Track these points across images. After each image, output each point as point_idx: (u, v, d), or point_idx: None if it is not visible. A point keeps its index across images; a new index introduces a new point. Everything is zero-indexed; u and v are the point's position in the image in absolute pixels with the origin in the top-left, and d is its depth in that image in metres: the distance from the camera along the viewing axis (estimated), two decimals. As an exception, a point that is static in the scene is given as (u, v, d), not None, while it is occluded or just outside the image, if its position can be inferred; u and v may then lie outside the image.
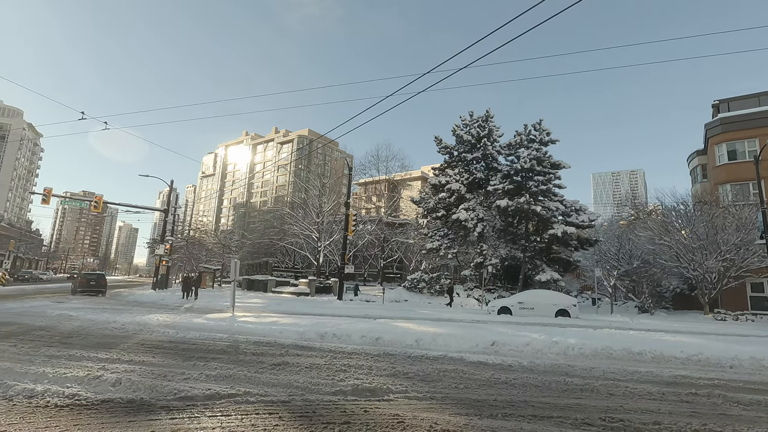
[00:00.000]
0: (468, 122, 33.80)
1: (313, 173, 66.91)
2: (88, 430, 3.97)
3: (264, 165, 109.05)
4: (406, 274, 40.54)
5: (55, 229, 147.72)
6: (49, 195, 26.88)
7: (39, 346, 8.34)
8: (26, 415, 4.37)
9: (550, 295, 21.51)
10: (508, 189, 29.16)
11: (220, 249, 57.69)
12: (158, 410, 4.65)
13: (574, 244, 29.28)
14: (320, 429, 4.19)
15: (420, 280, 30.19)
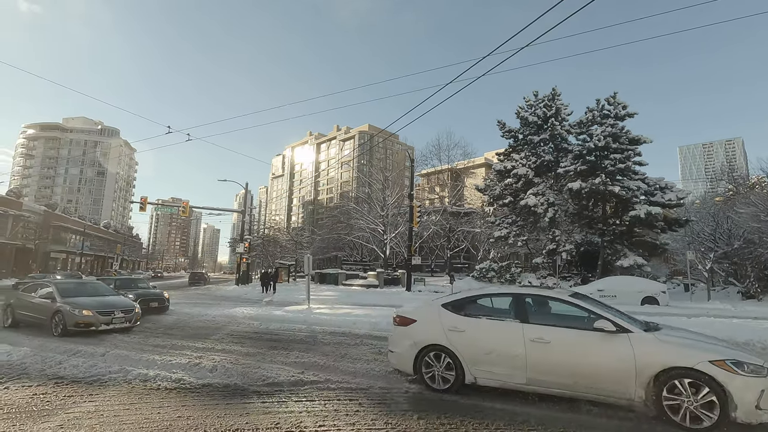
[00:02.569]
0: (533, 103, 32.13)
1: (375, 167, 67.83)
2: (193, 410, 4.44)
3: (328, 163, 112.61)
4: (474, 263, 39.78)
5: (151, 233, 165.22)
6: (145, 203, 30.08)
7: (147, 337, 9.45)
8: (143, 395, 5.00)
9: (634, 281, 19.89)
10: (581, 170, 27.31)
11: (292, 245, 60.75)
12: (251, 394, 5.08)
13: (661, 226, 26.73)
14: (398, 416, 4.31)
15: (489, 269, 29.46)
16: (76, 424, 4.02)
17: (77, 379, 5.67)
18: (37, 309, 10.11)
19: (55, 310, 9.50)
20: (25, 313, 10.46)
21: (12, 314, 10.73)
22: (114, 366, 6.36)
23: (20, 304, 10.67)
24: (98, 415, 4.27)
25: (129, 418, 4.18)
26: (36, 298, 10.43)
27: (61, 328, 9.20)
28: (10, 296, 11.36)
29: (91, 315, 9.38)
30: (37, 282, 11.93)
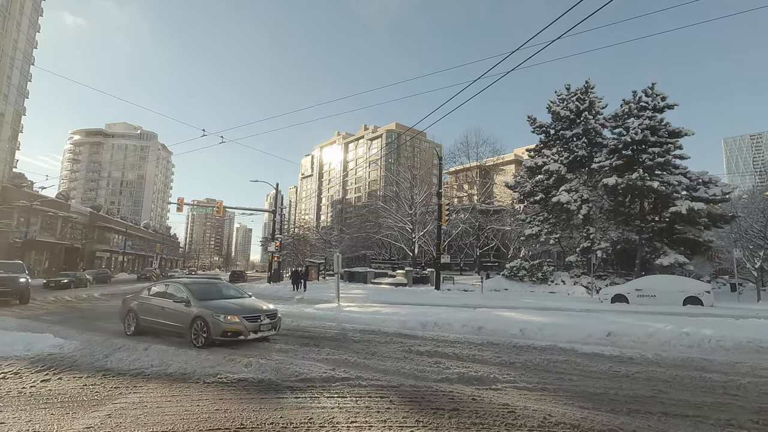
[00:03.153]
0: (565, 96, 31.17)
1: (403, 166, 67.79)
2: (230, 404, 4.60)
3: (356, 162, 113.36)
4: (505, 262, 39.07)
5: (188, 233, 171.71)
6: (182, 204, 31.26)
7: (185, 332, 9.83)
8: (183, 389, 5.22)
9: (675, 280, 18.99)
10: (617, 165, 26.28)
11: (322, 244, 61.59)
12: (284, 389, 5.20)
13: (704, 222, 25.38)
14: (430, 414, 4.31)
15: (520, 267, 28.86)
16: (123, 413, 4.25)
17: (122, 372, 5.99)
18: (169, 315, 8.84)
19: (195, 316, 8.24)
20: (152, 319, 9.19)
21: (135, 320, 9.52)
22: (156, 360, 6.66)
23: (146, 309, 9.41)
24: (142, 406, 4.49)
25: (170, 410, 4.37)
26: (166, 302, 9.10)
27: (205, 338, 7.99)
28: (130, 300, 10.12)
29: (238, 322, 8.06)
30: (165, 282, 10.48)
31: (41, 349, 7.21)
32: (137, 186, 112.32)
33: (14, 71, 58.15)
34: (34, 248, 45.36)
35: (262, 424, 4.00)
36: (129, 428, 3.87)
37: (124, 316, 9.90)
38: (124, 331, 9.60)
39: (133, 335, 9.29)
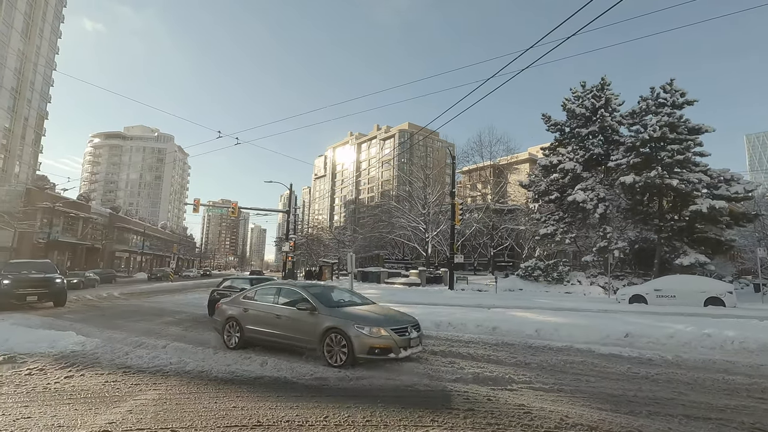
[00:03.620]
0: (580, 94, 30.71)
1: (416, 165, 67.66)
2: (247, 402, 4.66)
3: (369, 162, 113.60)
4: (519, 262, 38.70)
5: (203, 233, 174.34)
6: (198, 204, 31.76)
7: (203, 331, 9.99)
8: (201, 386, 5.31)
9: (696, 280, 18.53)
10: (634, 163, 25.77)
11: (335, 244, 61.89)
12: (300, 388, 5.25)
13: (726, 221, 24.71)
14: (444, 414, 4.30)
15: (535, 267, 28.53)
16: (143, 410, 4.34)
17: (142, 369, 6.12)
18: (288, 325, 7.17)
19: (328, 327, 6.57)
20: (264, 330, 7.48)
21: (239, 331, 7.77)
22: (174, 358, 6.79)
23: (253, 318, 7.66)
24: (162, 403, 4.58)
25: (189, 407, 4.45)
26: (282, 309, 7.42)
27: (345, 356, 6.29)
28: (229, 306, 8.32)
29: (387, 336, 6.33)
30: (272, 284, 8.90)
31: (64, 346, 7.41)
32: (155, 187, 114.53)
33: (37, 76, 59.87)
34: (57, 248, 46.61)
35: (279, 421, 4.04)
36: (149, 424, 3.95)
37: (223, 325, 8.10)
38: (224, 344, 7.93)
39: (237, 348, 7.64)
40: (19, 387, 5.12)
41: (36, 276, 14.97)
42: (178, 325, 10.82)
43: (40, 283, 14.71)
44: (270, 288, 8.33)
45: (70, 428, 3.83)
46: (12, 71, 53.91)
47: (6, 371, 5.85)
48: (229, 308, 8.22)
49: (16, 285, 13.96)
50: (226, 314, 8.18)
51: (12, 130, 55.06)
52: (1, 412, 4.21)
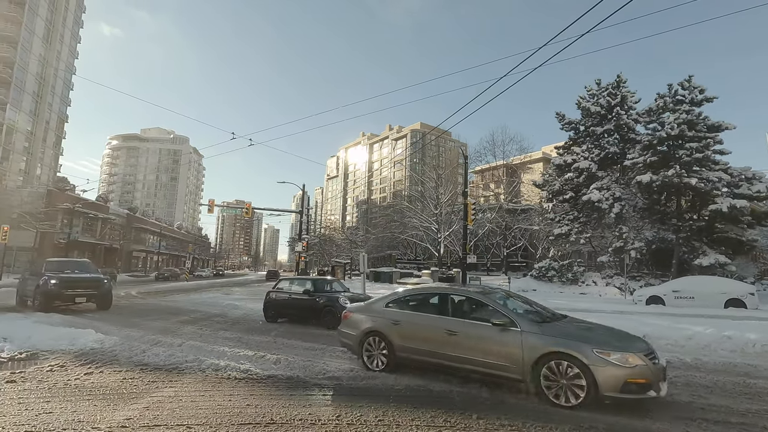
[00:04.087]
0: (595, 92, 30.25)
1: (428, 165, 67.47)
2: (260, 400, 4.72)
3: (381, 162, 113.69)
4: (533, 262, 38.30)
5: (218, 233, 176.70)
6: (213, 205, 32.18)
7: (217, 330, 10.13)
8: (215, 384, 5.38)
9: (716, 281, 18.09)
10: (651, 161, 25.27)
11: (347, 244, 62.11)
12: (312, 387, 5.29)
13: (747, 220, 24.07)
14: (457, 415, 4.28)
15: (549, 268, 28.21)
16: (160, 406, 4.42)
17: (159, 367, 6.23)
18: (467, 346, 5.28)
19: (545, 353, 4.72)
20: (426, 349, 5.62)
21: (387, 348, 5.95)
22: (189, 356, 6.89)
23: (409, 333, 5.81)
24: (178, 400, 4.66)
25: (204, 404, 4.52)
26: (448, 321, 5.56)
27: (584, 393, 4.42)
28: (365, 315, 6.47)
29: (643, 365, 4.44)
30: (429, 289, 6.83)
31: (84, 343, 7.59)
32: (171, 188, 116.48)
33: (57, 81, 61.43)
34: (77, 248, 47.72)
35: (291, 420, 4.07)
36: (165, 421, 4.02)
37: (359, 340, 6.26)
38: (364, 365, 6.17)
39: (385, 371, 5.90)
40: (41, 383, 5.26)
41: (84, 276, 13.84)
42: (193, 324, 10.99)
43: (89, 283, 13.58)
44: (427, 294, 6.52)
45: (90, 423, 3.92)
46: (34, 76, 55.43)
47: (29, 367, 6.02)
48: (367, 319, 6.40)
49: (65, 285, 12.82)
50: (362, 327, 6.35)
51: (34, 132, 56.61)
52: (24, 407, 4.33)
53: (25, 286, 14.06)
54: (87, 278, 13.76)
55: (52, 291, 12.51)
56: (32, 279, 13.63)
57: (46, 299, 12.40)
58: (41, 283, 12.58)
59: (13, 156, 52.86)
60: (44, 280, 12.62)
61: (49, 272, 13.09)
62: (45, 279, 12.66)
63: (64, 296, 12.76)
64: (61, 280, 12.81)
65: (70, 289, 12.89)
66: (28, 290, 13.68)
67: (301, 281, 12.93)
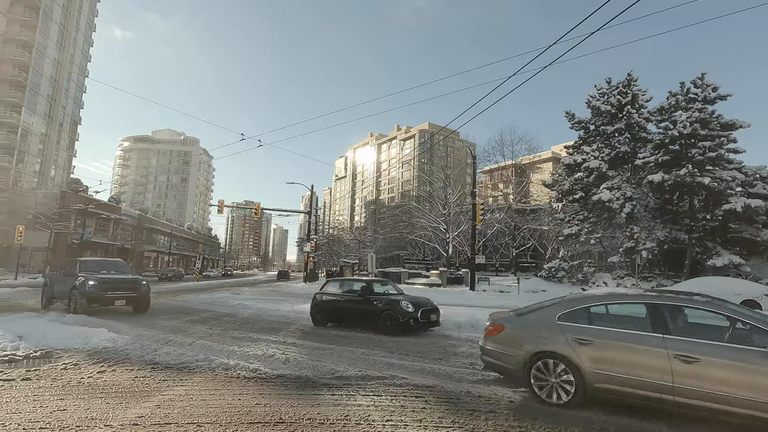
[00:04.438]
0: (605, 90, 29.94)
1: (436, 166, 67.31)
2: (269, 399, 4.75)
3: (389, 163, 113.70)
4: (542, 262, 38.01)
5: (227, 234, 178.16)
6: (222, 206, 32.50)
7: (227, 329, 10.21)
8: (225, 383, 5.44)
9: (730, 282, 17.77)
10: (663, 161, 24.96)
11: (356, 245, 62.26)
12: (321, 387, 5.31)
13: (762, 220, 23.65)
14: (466, 415, 4.27)
15: (558, 268, 27.98)
16: (171, 405, 4.48)
17: (170, 365, 6.30)
18: (717, 378, 3.92)
19: None
20: (644, 379, 4.22)
21: (573, 375, 4.59)
22: (200, 355, 6.96)
23: (610, 357, 4.45)
24: (188, 399, 4.71)
25: (214, 403, 4.57)
26: (694, 345, 4.11)
27: None
28: (532, 330, 5.09)
29: None
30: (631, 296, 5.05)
31: (97, 342, 7.71)
32: (181, 189, 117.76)
33: (71, 84, 62.45)
34: (90, 248, 48.46)
35: (300, 419, 4.10)
36: (176, 419, 4.07)
37: (526, 365, 4.91)
38: (535, 396, 4.82)
39: (569, 406, 4.55)
40: (56, 381, 5.36)
41: (123, 277, 13.04)
42: (203, 324, 11.09)
43: (127, 285, 12.72)
44: (627, 302, 4.96)
45: (103, 421, 3.98)
46: (48, 79, 56.42)
47: (43, 365, 6.13)
48: (533, 335, 5.00)
49: (104, 287, 12.00)
50: (527, 346, 4.97)
51: (48, 135, 57.63)
52: (39, 404, 4.42)
53: (56, 287, 13.30)
54: (126, 279, 12.95)
55: (92, 293, 11.73)
56: (65, 279, 12.79)
57: (87, 301, 11.69)
58: (78, 284, 11.79)
59: (28, 158, 53.87)
60: (81, 281, 11.81)
61: (84, 272, 12.31)
62: (82, 280, 11.86)
63: (103, 298, 12.00)
64: (100, 281, 12.01)
65: (109, 291, 12.14)
66: (59, 291, 12.95)
67: (352, 282, 12.18)
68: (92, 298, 11.77)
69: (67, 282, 12.48)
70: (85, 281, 11.81)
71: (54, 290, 13.34)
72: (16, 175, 50.52)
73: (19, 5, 52.22)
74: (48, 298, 13.75)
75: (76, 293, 11.75)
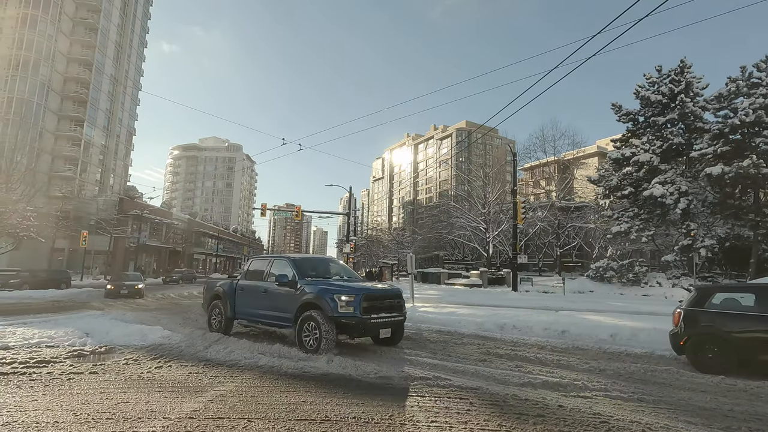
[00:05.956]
0: (656, 79, 28.24)
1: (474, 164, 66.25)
2: (315, 397, 4.84)
3: (426, 162, 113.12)
4: (588, 262, 36.44)
5: (270, 236, 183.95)
6: (265, 209, 33.58)
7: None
8: (272, 380, 5.60)
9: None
10: (723, 152, 23.19)
11: (394, 245, 62.30)
12: (364, 386, 5.35)
13: (841, 214, 21.47)
14: (513, 419, 4.15)
15: (607, 268, 26.67)
16: (223, 400, 4.67)
17: (220, 363, 6.58)
18: None
19: None
20: None
21: None
22: (247, 353, 7.22)
23: None
24: (238, 395, 4.90)
25: (262, 399, 4.72)
26: None
27: None
28: None
29: None
30: None
31: (153, 339, 8.19)
32: (226, 194, 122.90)
33: (126, 98, 66.83)
34: (145, 251, 51.62)
35: (345, 417, 4.15)
36: (228, 414, 4.24)
37: None
38: None
39: None
40: (119, 375, 5.74)
41: (385, 290, 8.14)
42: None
43: (392, 303, 7.79)
44: None
45: (161, 414, 4.22)
46: (106, 94, 60.65)
47: (107, 360, 6.60)
48: None
49: (369, 309, 7.22)
50: None
51: (107, 146, 61.93)
52: (105, 396, 4.75)
53: (242, 301, 8.94)
54: (390, 293, 7.96)
55: (352, 318, 6.97)
56: (269, 291, 8.29)
57: (345, 331, 7.18)
58: (313, 299, 7.26)
59: (90, 168, 58.11)
60: (325, 295, 7.12)
61: (306, 278, 7.81)
62: (324, 292, 7.16)
63: (368, 326, 7.29)
64: (361, 295, 7.14)
65: (374, 314, 7.28)
66: (251, 307, 8.72)
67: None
68: (352, 326, 7.05)
69: (272, 294, 8.11)
70: (333, 296, 7.01)
71: (237, 307, 8.99)
72: (80, 184, 54.66)
73: (80, 27, 56.51)
74: (226, 320, 9.16)
75: (320, 318, 6.98)
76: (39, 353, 6.87)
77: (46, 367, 6.03)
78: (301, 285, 7.69)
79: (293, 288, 7.77)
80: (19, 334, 8.30)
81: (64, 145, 53.88)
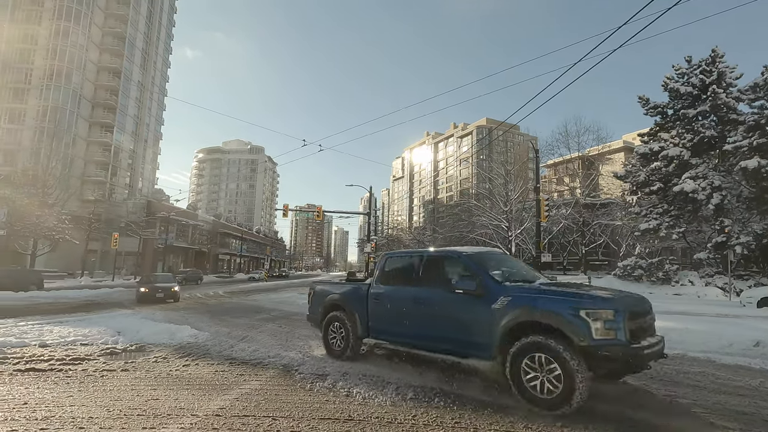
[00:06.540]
0: (685, 70, 27.17)
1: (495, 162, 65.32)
2: (338, 395, 4.87)
3: (446, 161, 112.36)
4: (615, 260, 35.39)
5: (292, 236, 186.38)
6: (286, 210, 34.06)
7: (295, 327, 10.68)
8: (296, 379, 5.66)
9: None
10: (759, 144, 22.11)
11: (415, 245, 62.11)
12: (387, 385, 5.34)
13: None
14: (539, 422, 4.08)
15: (635, 266, 25.83)
16: (248, 398, 4.76)
17: (245, 361, 6.70)
18: None
19: None
20: None
21: None
22: (272, 351, 7.34)
23: None
24: (263, 393, 4.98)
25: (287, 398, 4.78)
26: None
27: None
28: None
29: None
30: None
31: (181, 338, 8.42)
32: (249, 195, 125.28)
33: (153, 103, 68.92)
34: (172, 252, 53.13)
35: (368, 417, 4.16)
36: (253, 412, 4.31)
37: None
38: None
39: None
40: (149, 372, 5.93)
41: (642, 302, 5.12)
42: (274, 322, 11.69)
43: (653, 322, 5.15)
44: None
45: (189, 411, 4.32)
46: (134, 101, 62.71)
47: (138, 358, 6.82)
48: None
49: (636, 331, 4.47)
50: None
51: (135, 151, 64.03)
52: (136, 393, 4.91)
53: (368, 312, 6.49)
54: (645, 304, 5.17)
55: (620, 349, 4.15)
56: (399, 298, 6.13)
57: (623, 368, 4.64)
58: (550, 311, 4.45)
59: (120, 172, 60.22)
60: (572, 319, 4.23)
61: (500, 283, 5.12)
62: (575, 312, 4.25)
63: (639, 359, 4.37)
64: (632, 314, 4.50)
65: (642, 338, 4.49)
66: (385, 323, 6.29)
67: None
68: (618, 360, 4.22)
69: (437, 305, 5.59)
70: (578, 312, 4.25)
71: (373, 323, 6.47)
72: (111, 188, 56.71)
73: (108, 36, 58.63)
74: (355, 340, 6.64)
75: (561, 349, 4.20)
76: (74, 351, 7.17)
77: (81, 365, 6.28)
78: (497, 292, 4.97)
79: (481, 297, 5.05)
80: (56, 332, 8.68)
81: (95, 151, 56.04)
